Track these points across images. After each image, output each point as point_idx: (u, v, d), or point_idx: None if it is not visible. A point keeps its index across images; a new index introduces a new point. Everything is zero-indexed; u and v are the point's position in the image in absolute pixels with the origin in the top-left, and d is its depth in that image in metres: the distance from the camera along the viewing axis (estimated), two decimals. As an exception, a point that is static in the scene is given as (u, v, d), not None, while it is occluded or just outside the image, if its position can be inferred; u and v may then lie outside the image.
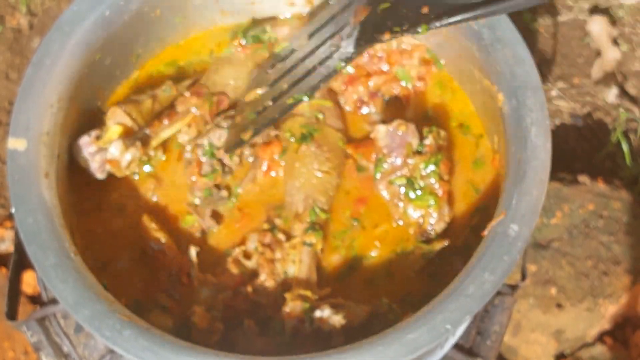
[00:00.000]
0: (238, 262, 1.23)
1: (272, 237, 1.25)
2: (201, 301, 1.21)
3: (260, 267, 1.23)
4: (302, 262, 1.22)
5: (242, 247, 1.25)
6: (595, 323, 1.85)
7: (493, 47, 1.26)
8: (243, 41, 1.40)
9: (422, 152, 1.27)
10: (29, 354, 1.86)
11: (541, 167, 1.16)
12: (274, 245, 1.25)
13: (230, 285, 1.22)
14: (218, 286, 1.22)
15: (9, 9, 2.30)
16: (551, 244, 1.87)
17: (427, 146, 1.27)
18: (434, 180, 1.26)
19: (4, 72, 2.22)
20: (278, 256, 1.24)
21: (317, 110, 1.35)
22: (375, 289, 1.24)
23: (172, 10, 1.38)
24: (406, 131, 1.28)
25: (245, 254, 1.24)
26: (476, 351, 1.36)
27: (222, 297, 1.21)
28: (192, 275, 1.22)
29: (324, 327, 1.16)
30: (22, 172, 1.15)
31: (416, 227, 1.27)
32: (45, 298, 1.33)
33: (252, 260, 1.23)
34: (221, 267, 1.25)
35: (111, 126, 1.27)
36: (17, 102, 1.20)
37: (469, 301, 1.07)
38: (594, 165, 2.11)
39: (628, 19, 2.28)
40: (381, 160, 1.29)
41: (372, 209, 1.30)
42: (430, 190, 1.26)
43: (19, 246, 1.28)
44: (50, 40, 1.25)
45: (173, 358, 1.03)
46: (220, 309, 1.20)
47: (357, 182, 1.33)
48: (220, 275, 1.24)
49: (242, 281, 1.23)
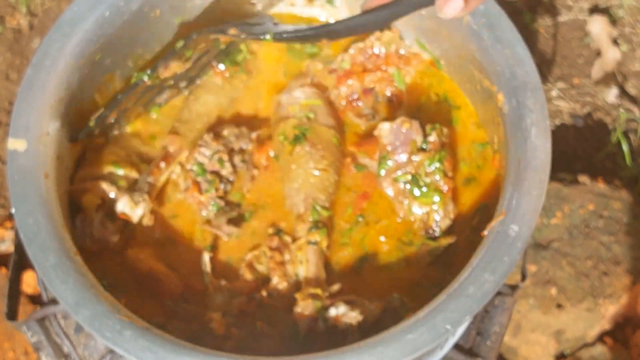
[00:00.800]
0: (252, 266, 1.24)
1: (279, 240, 1.25)
2: (216, 307, 1.21)
3: (272, 271, 1.23)
4: (309, 261, 1.23)
5: (255, 252, 1.25)
6: (595, 323, 1.85)
7: (493, 48, 1.26)
8: (221, 66, 1.40)
9: (426, 149, 1.28)
10: (29, 354, 1.86)
11: (541, 167, 1.16)
12: (282, 248, 1.25)
13: (245, 291, 1.23)
14: (232, 292, 1.22)
15: (9, 9, 2.30)
16: (551, 244, 1.87)
17: (431, 143, 1.28)
18: (438, 177, 1.26)
19: (4, 73, 2.22)
20: (287, 258, 1.24)
21: (308, 110, 1.35)
22: (384, 284, 1.24)
23: (172, 10, 1.38)
24: (410, 128, 1.28)
25: (258, 258, 1.25)
26: (476, 351, 1.35)
27: (237, 302, 1.21)
28: (207, 282, 1.23)
29: (340, 325, 1.16)
30: (22, 172, 1.15)
31: (421, 224, 1.27)
32: (45, 298, 1.33)
33: (264, 265, 1.24)
34: (235, 273, 1.25)
35: (85, 204, 1.26)
36: (17, 103, 1.20)
37: (469, 301, 1.07)
38: (594, 165, 2.11)
39: (628, 19, 2.28)
40: (385, 158, 1.29)
41: (375, 204, 1.31)
42: (434, 187, 1.26)
43: (19, 246, 1.28)
44: (50, 41, 1.25)
45: (173, 358, 1.03)
46: (235, 314, 1.20)
47: (358, 179, 1.33)
48: (234, 280, 1.24)
49: (256, 286, 1.23)
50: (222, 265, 1.27)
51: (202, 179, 1.29)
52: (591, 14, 2.27)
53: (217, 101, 1.39)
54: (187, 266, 1.26)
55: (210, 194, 1.29)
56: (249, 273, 1.24)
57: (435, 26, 1.36)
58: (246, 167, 1.33)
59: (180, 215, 1.30)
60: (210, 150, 1.30)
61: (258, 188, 1.33)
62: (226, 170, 1.31)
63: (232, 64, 1.40)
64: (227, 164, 1.31)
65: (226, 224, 1.28)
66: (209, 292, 1.23)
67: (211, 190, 1.29)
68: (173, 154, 1.32)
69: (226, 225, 1.28)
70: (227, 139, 1.32)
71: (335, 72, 1.39)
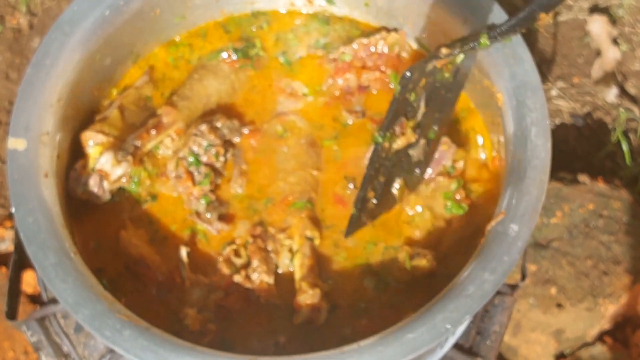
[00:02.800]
0: (229, 261, 1.24)
1: (261, 229, 1.26)
2: (193, 302, 1.21)
3: (252, 254, 1.23)
4: (305, 254, 1.23)
5: (233, 246, 1.25)
6: (595, 323, 1.85)
7: (493, 47, 1.26)
8: (234, 56, 1.40)
9: (452, 174, 1.29)
10: (29, 353, 1.86)
11: (541, 167, 1.16)
12: (264, 237, 1.25)
13: (222, 285, 1.23)
14: (210, 286, 1.22)
15: (9, 8, 2.30)
16: (551, 243, 1.87)
17: (457, 170, 1.29)
18: (458, 196, 1.28)
19: (4, 72, 2.22)
20: (270, 248, 1.24)
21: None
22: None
23: (172, 10, 1.38)
24: (447, 151, 1.29)
25: (236, 252, 1.25)
26: (476, 351, 1.35)
27: (214, 297, 1.21)
28: (184, 276, 1.23)
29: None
30: (22, 172, 1.15)
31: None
32: (45, 298, 1.33)
33: (243, 257, 1.24)
34: (212, 267, 1.25)
35: (91, 149, 1.27)
36: (17, 102, 1.20)
37: (469, 301, 1.07)
38: (594, 165, 2.11)
39: (628, 19, 2.28)
40: None
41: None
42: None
43: (19, 246, 1.28)
44: (50, 40, 1.25)
45: (173, 358, 1.03)
46: (213, 309, 1.20)
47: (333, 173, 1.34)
48: (211, 275, 1.24)
49: (234, 281, 1.23)
50: (201, 259, 1.26)
51: (195, 169, 1.29)
52: (591, 14, 2.27)
53: (219, 87, 1.39)
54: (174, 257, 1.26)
55: (204, 186, 1.28)
56: (227, 267, 1.24)
57: (436, 26, 1.36)
58: (235, 161, 1.33)
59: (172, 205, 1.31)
60: (206, 141, 1.30)
61: (247, 183, 1.33)
62: (219, 164, 1.31)
63: (244, 56, 1.41)
64: (222, 157, 1.31)
65: (217, 220, 1.28)
66: (186, 287, 1.22)
67: (205, 183, 1.28)
68: (165, 125, 1.32)
69: (218, 222, 1.28)
70: (221, 131, 1.32)
71: (335, 62, 1.39)
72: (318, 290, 1.19)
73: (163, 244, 1.27)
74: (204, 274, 1.24)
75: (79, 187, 1.25)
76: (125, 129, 1.31)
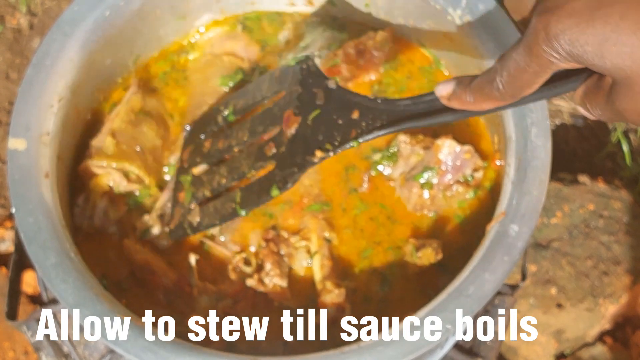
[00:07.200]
0: (238, 269, 1.24)
1: (274, 233, 1.26)
2: (200, 310, 1.21)
3: (265, 257, 1.23)
4: (324, 255, 1.23)
5: (242, 254, 1.25)
6: (595, 323, 1.85)
7: (493, 47, 1.26)
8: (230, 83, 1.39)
9: (470, 183, 1.28)
10: (29, 354, 1.86)
11: (541, 167, 1.16)
12: (277, 241, 1.25)
13: (230, 293, 1.22)
14: (218, 294, 1.22)
15: (9, 9, 2.30)
16: (551, 244, 1.87)
17: (475, 179, 1.29)
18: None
19: (4, 72, 2.22)
20: (282, 252, 1.24)
21: None
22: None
23: (172, 10, 1.38)
24: (469, 160, 1.28)
25: (246, 261, 1.24)
26: (476, 351, 1.35)
27: (222, 305, 1.21)
28: (192, 283, 1.23)
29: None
30: (22, 172, 1.15)
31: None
32: (45, 298, 1.33)
33: (253, 266, 1.24)
34: (221, 275, 1.25)
35: (93, 186, 1.26)
36: (17, 102, 1.20)
37: (469, 301, 1.07)
38: (594, 165, 2.11)
39: (628, 19, 2.28)
40: (428, 169, 1.29)
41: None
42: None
43: (19, 246, 1.28)
44: (51, 41, 1.25)
45: (173, 358, 1.03)
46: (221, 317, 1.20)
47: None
48: (220, 283, 1.24)
49: (242, 289, 1.23)
50: (209, 267, 1.26)
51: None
52: (591, 14, 2.27)
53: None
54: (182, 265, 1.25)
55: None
56: (235, 275, 1.23)
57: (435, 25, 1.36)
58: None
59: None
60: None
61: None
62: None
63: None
64: None
65: (231, 241, 1.27)
66: (194, 295, 1.22)
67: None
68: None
69: (232, 244, 1.27)
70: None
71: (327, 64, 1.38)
72: (343, 289, 1.19)
73: (171, 251, 1.27)
74: (213, 281, 1.24)
75: (84, 221, 1.25)
76: (123, 155, 1.28)
